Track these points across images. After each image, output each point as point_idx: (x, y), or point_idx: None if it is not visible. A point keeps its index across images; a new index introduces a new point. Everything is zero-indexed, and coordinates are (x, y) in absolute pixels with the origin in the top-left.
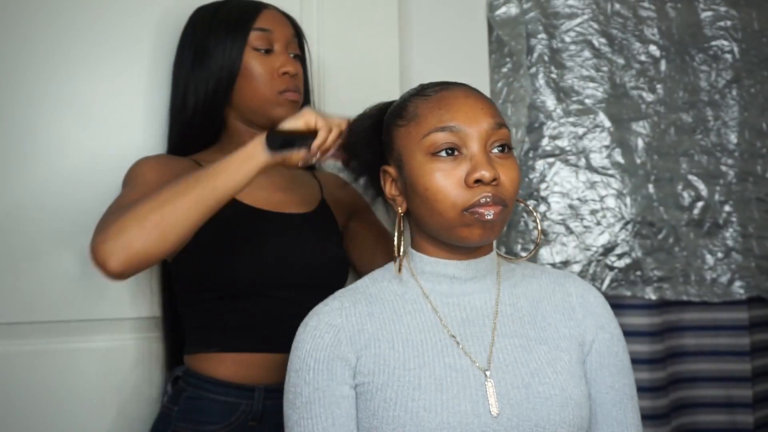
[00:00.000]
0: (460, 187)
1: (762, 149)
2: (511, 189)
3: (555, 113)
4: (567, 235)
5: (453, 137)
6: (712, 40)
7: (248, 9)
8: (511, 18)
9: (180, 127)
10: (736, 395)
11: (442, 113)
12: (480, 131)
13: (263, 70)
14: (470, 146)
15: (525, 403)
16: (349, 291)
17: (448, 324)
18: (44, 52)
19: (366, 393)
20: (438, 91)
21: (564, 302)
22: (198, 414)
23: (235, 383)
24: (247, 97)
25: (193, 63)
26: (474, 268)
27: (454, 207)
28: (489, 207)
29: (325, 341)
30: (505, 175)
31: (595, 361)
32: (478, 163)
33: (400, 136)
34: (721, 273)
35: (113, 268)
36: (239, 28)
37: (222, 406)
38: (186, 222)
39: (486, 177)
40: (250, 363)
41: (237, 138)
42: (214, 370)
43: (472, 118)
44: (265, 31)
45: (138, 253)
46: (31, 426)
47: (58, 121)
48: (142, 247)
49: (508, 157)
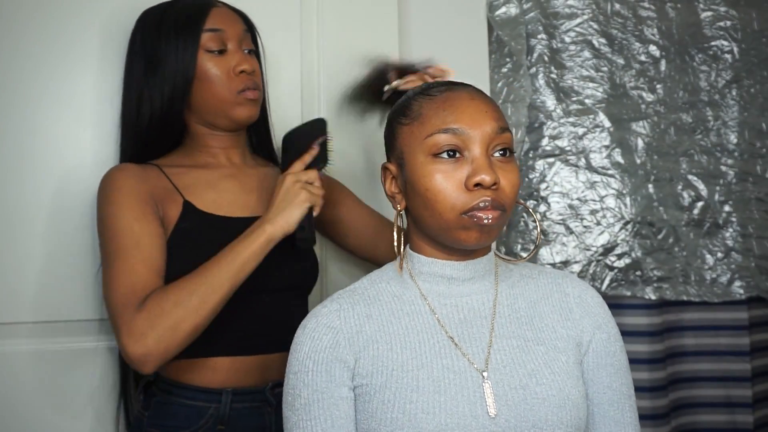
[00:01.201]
0: (459, 189)
1: (762, 149)
2: (511, 194)
3: (555, 113)
4: (567, 235)
5: (455, 139)
6: (712, 40)
7: (196, 10)
8: (511, 18)
9: (135, 136)
10: (736, 395)
11: (446, 114)
12: (483, 134)
13: (219, 71)
14: (472, 149)
15: (522, 404)
16: (347, 292)
17: (446, 325)
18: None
19: (364, 394)
20: (443, 91)
21: (561, 302)
22: (167, 419)
23: (203, 387)
24: (206, 100)
25: (145, 70)
26: (472, 269)
27: (453, 209)
28: (487, 211)
29: (324, 343)
30: (505, 179)
31: (593, 361)
32: (479, 166)
33: (403, 135)
34: (721, 273)
35: (148, 371)
36: (190, 31)
37: (190, 410)
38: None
39: (486, 181)
40: (219, 367)
41: (199, 140)
42: (183, 376)
43: (476, 121)
44: (216, 31)
45: (171, 354)
46: (31, 426)
47: (58, 121)
48: (177, 349)
49: (509, 162)
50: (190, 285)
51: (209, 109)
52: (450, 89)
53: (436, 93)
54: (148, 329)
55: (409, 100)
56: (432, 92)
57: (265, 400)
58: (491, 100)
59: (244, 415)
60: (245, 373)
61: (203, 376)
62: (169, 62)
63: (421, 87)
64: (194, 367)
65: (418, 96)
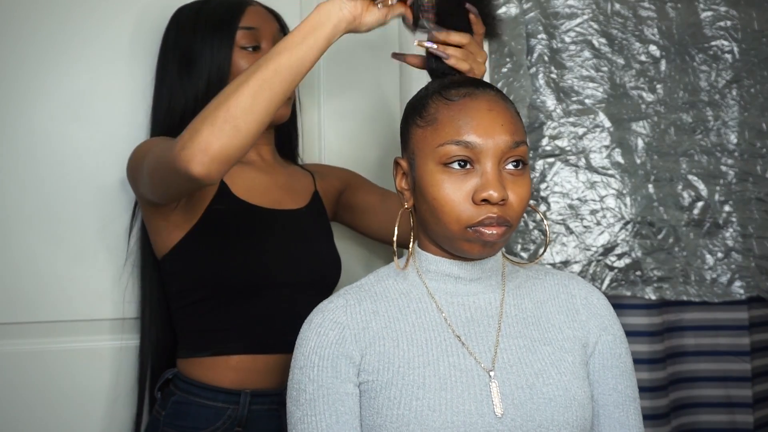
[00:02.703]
0: (467, 202)
1: (762, 149)
2: (519, 208)
3: (555, 113)
4: (567, 235)
5: (467, 151)
6: (712, 40)
7: (232, 7)
8: (511, 18)
9: (168, 133)
10: (736, 395)
11: (461, 125)
12: (496, 148)
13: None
14: (483, 162)
15: (529, 403)
16: (354, 288)
17: (453, 323)
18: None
19: (370, 391)
20: (462, 96)
21: (568, 304)
22: (184, 419)
23: (222, 388)
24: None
25: (179, 67)
26: (479, 269)
27: (459, 221)
28: (492, 228)
29: (330, 338)
30: (514, 194)
31: (598, 362)
32: (488, 181)
33: (416, 136)
34: (721, 273)
35: (198, 172)
36: (225, 28)
37: (208, 411)
38: (254, 110)
39: (494, 198)
40: (240, 366)
41: None
42: (204, 375)
43: (490, 134)
44: (251, 29)
45: (218, 152)
46: (31, 426)
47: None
48: (220, 145)
49: (521, 174)
50: (240, 77)
51: None
52: (469, 95)
53: (455, 98)
54: (185, 131)
55: (427, 99)
56: (451, 95)
57: (283, 402)
58: (510, 109)
59: (262, 417)
60: (265, 374)
61: (223, 376)
62: (204, 59)
63: (441, 84)
64: (215, 365)
65: (437, 97)
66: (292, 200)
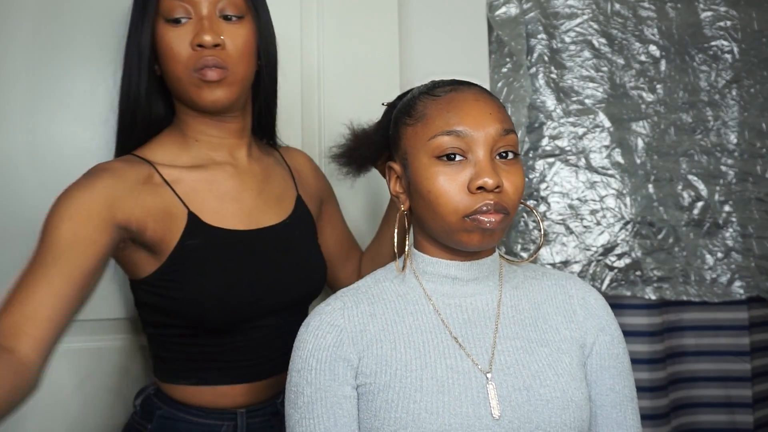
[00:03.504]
0: (462, 192)
1: (762, 149)
2: (514, 196)
3: (555, 113)
4: (567, 235)
5: (459, 142)
6: (712, 40)
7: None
8: (511, 18)
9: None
10: (736, 395)
11: (450, 116)
12: (486, 137)
13: (176, 45)
14: (476, 151)
15: (526, 405)
16: (351, 291)
17: (450, 325)
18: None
19: (368, 393)
20: (448, 91)
21: (565, 304)
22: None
23: (215, 409)
24: (170, 80)
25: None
26: (476, 270)
27: (456, 212)
28: (490, 215)
29: (328, 341)
30: (509, 182)
31: (596, 363)
32: (482, 169)
33: (407, 135)
34: (721, 273)
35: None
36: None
37: (201, 428)
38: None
39: (489, 184)
40: (230, 393)
41: (183, 126)
42: (191, 398)
43: (480, 123)
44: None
45: None
46: (31, 425)
47: (59, 121)
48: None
49: (513, 164)
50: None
51: (175, 91)
52: (455, 89)
53: (440, 93)
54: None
55: (414, 99)
56: (437, 92)
57: (276, 412)
58: (496, 101)
59: (261, 428)
60: (258, 393)
61: (212, 402)
62: (131, 35)
63: (426, 86)
64: (201, 393)
65: (423, 96)
66: (274, 212)
